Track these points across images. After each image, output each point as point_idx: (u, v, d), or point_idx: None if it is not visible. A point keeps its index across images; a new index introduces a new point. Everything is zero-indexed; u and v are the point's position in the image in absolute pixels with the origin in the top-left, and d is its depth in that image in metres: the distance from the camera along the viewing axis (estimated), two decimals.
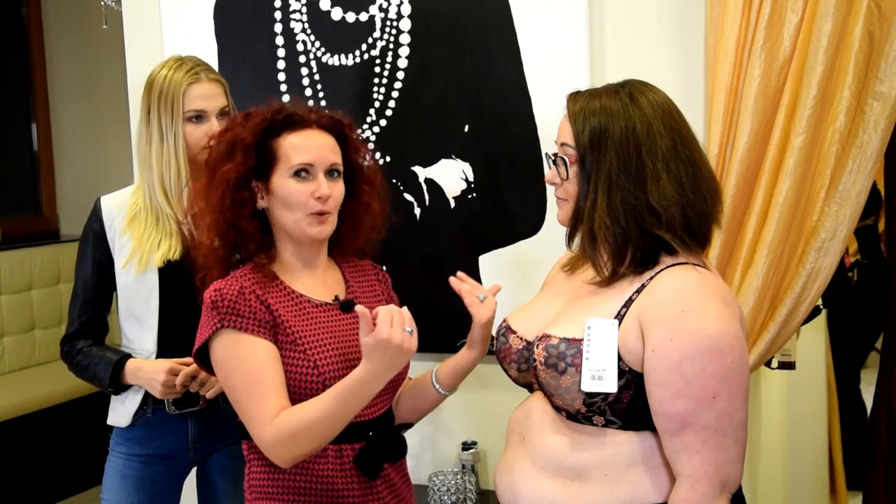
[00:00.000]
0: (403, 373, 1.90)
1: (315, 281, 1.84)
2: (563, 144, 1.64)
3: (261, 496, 1.78)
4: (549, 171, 1.69)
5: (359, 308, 1.59)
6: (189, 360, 2.17)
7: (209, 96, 2.22)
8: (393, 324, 1.58)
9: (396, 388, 1.90)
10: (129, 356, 2.23)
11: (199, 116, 2.21)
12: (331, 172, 1.78)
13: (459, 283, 1.88)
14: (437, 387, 1.91)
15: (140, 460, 2.27)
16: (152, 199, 2.22)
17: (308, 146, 1.76)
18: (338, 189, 1.79)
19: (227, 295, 1.71)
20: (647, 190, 1.55)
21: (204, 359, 1.78)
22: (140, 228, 2.23)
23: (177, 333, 2.22)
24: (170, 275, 2.22)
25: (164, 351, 2.24)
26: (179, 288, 2.19)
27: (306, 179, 1.75)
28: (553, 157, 1.66)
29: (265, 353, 1.70)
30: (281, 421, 1.65)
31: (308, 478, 1.75)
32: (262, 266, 1.78)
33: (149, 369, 2.19)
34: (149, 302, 2.23)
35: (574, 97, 1.65)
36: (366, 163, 1.90)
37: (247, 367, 1.69)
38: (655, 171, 1.55)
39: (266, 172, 1.76)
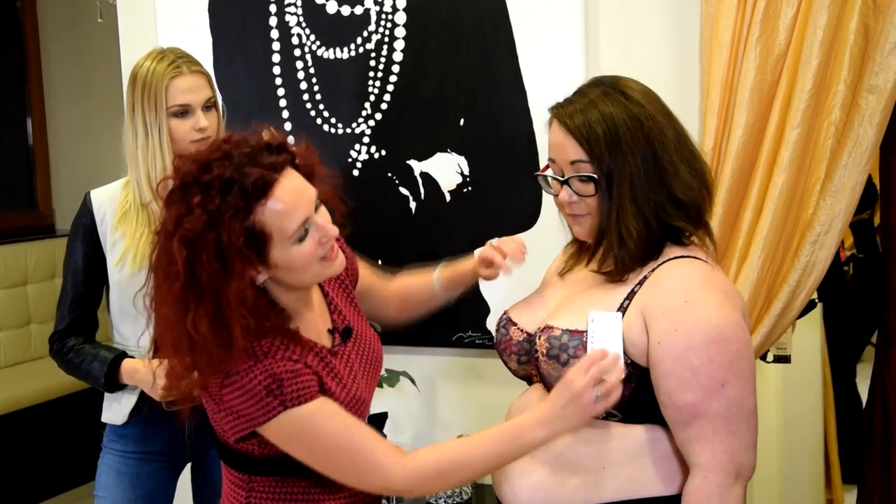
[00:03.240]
0: (379, 363, 1.83)
1: (313, 312, 1.71)
2: (574, 162, 1.57)
3: None
4: (563, 193, 1.61)
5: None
6: None
7: (193, 89, 2.17)
8: (587, 375, 1.47)
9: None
10: (124, 354, 2.19)
11: (184, 111, 2.17)
12: (317, 208, 1.59)
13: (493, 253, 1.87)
14: (437, 284, 1.88)
15: (136, 457, 2.25)
16: (142, 196, 2.19)
17: (294, 203, 1.52)
18: (328, 218, 1.63)
19: (284, 376, 1.52)
20: (668, 183, 1.54)
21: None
22: (132, 225, 2.19)
23: None
24: None
25: None
26: None
27: (307, 236, 1.55)
28: (565, 179, 1.60)
29: (333, 407, 1.57)
30: (424, 461, 1.56)
31: (316, 498, 1.67)
32: (291, 334, 1.61)
33: (147, 371, 2.12)
34: (143, 300, 2.20)
35: (567, 113, 1.57)
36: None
37: (330, 429, 1.54)
38: (672, 162, 1.55)
39: (263, 255, 1.52)
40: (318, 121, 2.72)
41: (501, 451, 1.54)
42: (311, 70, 2.72)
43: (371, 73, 2.65)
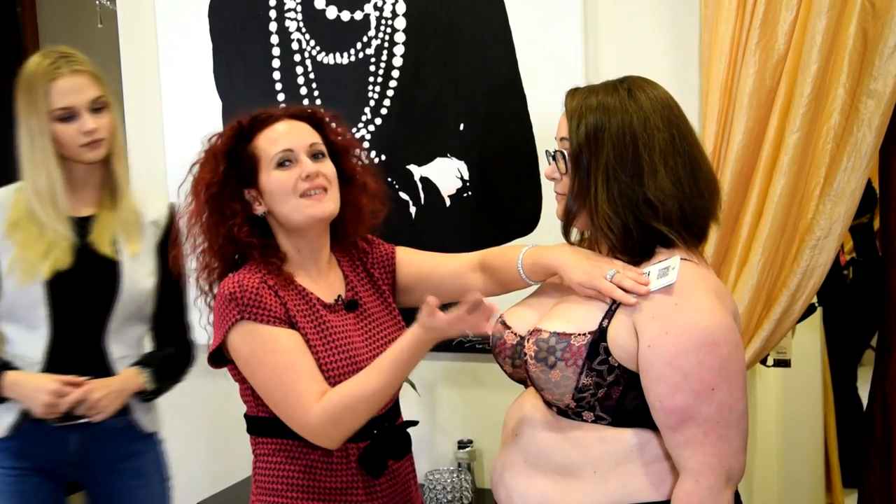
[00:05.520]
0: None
1: (322, 281, 1.82)
2: (562, 139, 1.64)
3: (266, 492, 1.79)
4: (548, 167, 1.69)
5: (430, 299, 1.57)
6: (76, 378, 2.06)
7: (75, 90, 2.05)
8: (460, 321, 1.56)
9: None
10: (6, 366, 2.09)
11: (68, 115, 2.05)
12: (314, 155, 1.76)
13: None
14: (523, 273, 1.79)
15: (16, 473, 2.13)
16: (32, 205, 2.08)
17: (282, 133, 1.75)
18: (327, 167, 1.77)
19: (248, 287, 1.69)
20: (644, 183, 1.55)
21: (216, 356, 1.76)
22: (24, 234, 2.08)
23: (68, 345, 2.11)
24: (60, 286, 2.09)
25: (53, 362, 2.10)
26: (71, 298, 2.10)
27: (290, 167, 1.74)
28: (553, 153, 1.66)
29: (290, 340, 1.69)
30: (330, 399, 1.64)
31: (312, 476, 1.76)
32: (275, 266, 1.76)
33: (29, 385, 2.05)
34: (34, 310, 2.09)
35: (572, 94, 1.65)
36: (357, 155, 1.90)
37: (275, 357, 1.67)
38: (652, 164, 1.55)
39: (254, 177, 1.76)
40: None
41: (397, 373, 1.65)
42: (311, 75, 2.72)
43: (371, 79, 2.65)
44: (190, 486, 2.99)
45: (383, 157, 2.67)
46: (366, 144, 2.68)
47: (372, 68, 2.65)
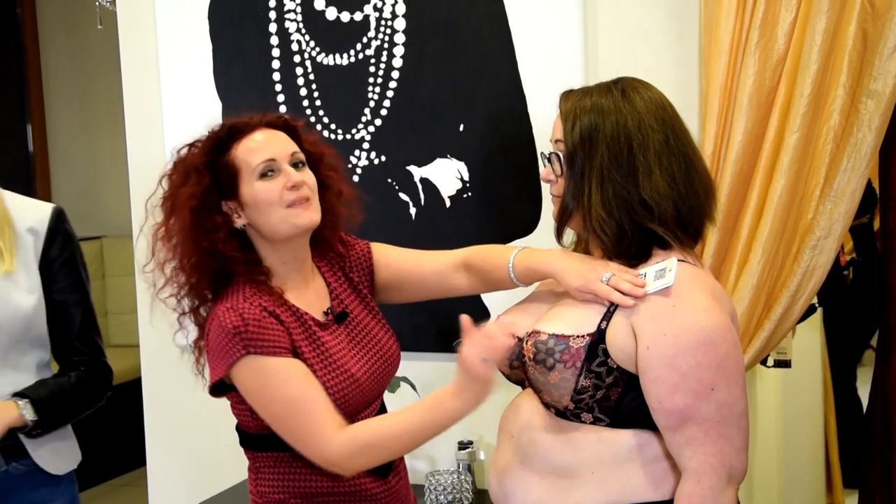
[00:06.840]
0: (393, 371, 1.89)
1: (308, 292, 1.79)
2: (556, 141, 1.65)
3: (271, 503, 1.76)
4: (544, 169, 1.69)
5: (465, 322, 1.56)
6: None
7: None
8: (473, 344, 1.55)
9: (384, 388, 1.89)
10: None
11: None
12: (295, 164, 1.73)
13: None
14: (514, 277, 1.78)
15: None
16: None
17: (263, 143, 1.71)
18: (308, 176, 1.74)
19: (251, 319, 1.63)
20: (639, 184, 1.56)
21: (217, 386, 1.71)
22: None
23: None
24: None
25: None
26: None
27: (274, 177, 1.69)
28: (548, 156, 1.67)
29: (297, 371, 1.65)
30: (354, 433, 1.63)
31: (321, 482, 1.74)
32: (264, 284, 1.72)
33: None
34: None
35: (566, 96, 1.66)
36: (331, 164, 1.86)
37: (287, 390, 1.64)
38: (647, 164, 1.56)
39: (234, 189, 1.71)
40: (318, 127, 2.72)
41: (427, 422, 1.62)
42: (311, 76, 2.72)
43: (371, 79, 2.65)
44: (190, 485, 3.00)
45: (383, 158, 2.67)
46: (365, 145, 2.68)
47: (372, 69, 2.65)
